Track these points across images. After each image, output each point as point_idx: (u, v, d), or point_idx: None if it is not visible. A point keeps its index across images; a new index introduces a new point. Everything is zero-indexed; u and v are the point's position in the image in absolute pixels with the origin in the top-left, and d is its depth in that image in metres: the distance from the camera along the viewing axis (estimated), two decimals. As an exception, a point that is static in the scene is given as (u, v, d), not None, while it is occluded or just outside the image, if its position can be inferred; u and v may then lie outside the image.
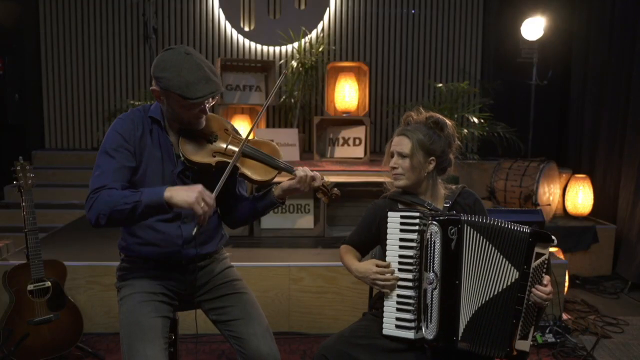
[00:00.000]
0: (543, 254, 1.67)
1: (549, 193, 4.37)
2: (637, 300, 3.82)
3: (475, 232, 1.69)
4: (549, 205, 4.35)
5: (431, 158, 1.88)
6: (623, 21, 4.45)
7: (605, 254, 4.26)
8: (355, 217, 4.03)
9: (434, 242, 1.69)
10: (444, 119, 1.92)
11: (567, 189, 4.59)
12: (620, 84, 4.44)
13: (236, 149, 1.83)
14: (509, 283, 1.67)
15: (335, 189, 1.93)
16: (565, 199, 4.60)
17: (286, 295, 3.15)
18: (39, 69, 5.82)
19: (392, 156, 1.90)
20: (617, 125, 4.48)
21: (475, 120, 4.72)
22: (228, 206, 2.01)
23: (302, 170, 1.85)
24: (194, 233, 1.71)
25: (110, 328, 3.07)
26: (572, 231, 4.20)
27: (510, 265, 1.67)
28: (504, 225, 1.69)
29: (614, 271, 4.26)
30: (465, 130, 4.61)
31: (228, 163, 1.78)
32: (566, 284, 3.37)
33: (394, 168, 1.89)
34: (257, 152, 1.87)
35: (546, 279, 1.69)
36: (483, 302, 1.68)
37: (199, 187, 1.65)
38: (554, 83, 5.23)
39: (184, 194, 1.64)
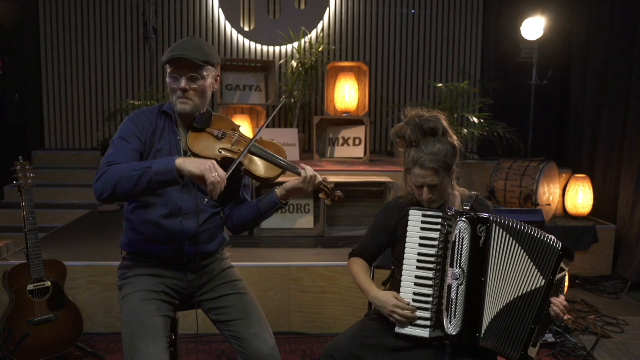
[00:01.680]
0: (564, 270, 1.72)
1: (549, 193, 4.37)
2: (637, 300, 3.82)
3: (504, 233, 1.72)
4: (549, 205, 4.35)
5: (452, 168, 1.87)
6: (623, 21, 4.45)
7: (605, 254, 4.26)
8: (355, 217, 4.04)
9: (462, 239, 1.70)
10: (438, 122, 1.83)
11: (567, 189, 4.59)
12: (620, 84, 4.44)
13: (242, 147, 1.86)
14: (533, 288, 1.69)
15: (339, 191, 1.94)
16: (565, 199, 4.60)
17: (286, 295, 3.15)
18: (39, 69, 5.82)
19: (420, 187, 1.84)
20: (617, 125, 4.48)
21: (475, 120, 4.72)
22: (231, 209, 2.01)
23: (306, 170, 1.87)
24: (205, 202, 1.69)
25: (110, 328, 3.07)
26: (572, 231, 4.20)
27: (538, 271, 1.69)
28: (537, 233, 1.72)
29: (614, 271, 4.25)
30: (465, 130, 4.61)
31: (233, 159, 1.81)
32: (566, 284, 3.37)
33: (427, 199, 1.85)
34: (263, 151, 1.89)
35: (562, 297, 1.72)
36: (507, 301, 1.70)
37: (212, 160, 1.67)
38: (554, 83, 5.23)
39: (196, 162, 1.66)
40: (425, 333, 1.72)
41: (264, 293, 3.11)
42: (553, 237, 1.72)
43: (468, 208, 1.91)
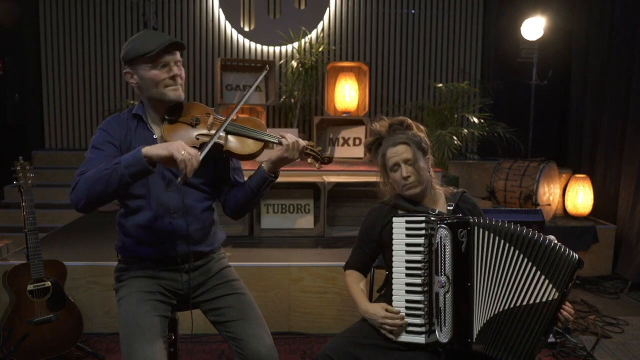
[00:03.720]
0: (574, 279, 1.68)
1: (549, 193, 4.37)
2: (637, 300, 3.82)
3: (490, 235, 1.68)
4: (549, 205, 4.35)
5: (427, 156, 1.91)
6: (623, 21, 4.44)
7: (605, 254, 4.26)
8: (355, 217, 4.04)
9: (445, 246, 1.68)
10: (404, 118, 1.96)
11: (567, 189, 4.59)
12: (620, 84, 4.44)
13: (218, 128, 1.83)
14: (544, 299, 1.63)
15: (327, 153, 1.93)
16: (565, 199, 4.60)
17: (286, 295, 3.15)
18: (39, 69, 5.82)
19: (395, 169, 1.88)
20: (617, 125, 4.48)
21: (475, 120, 4.72)
22: (225, 195, 1.99)
23: (287, 138, 1.83)
24: (178, 181, 1.63)
25: (110, 328, 3.07)
26: (572, 231, 4.20)
27: (548, 282, 1.63)
28: (548, 242, 1.66)
29: (614, 271, 4.25)
30: (465, 130, 4.61)
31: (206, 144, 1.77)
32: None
33: (406, 178, 1.86)
34: (240, 128, 1.86)
35: (567, 303, 1.69)
36: (507, 307, 1.66)
37: (178, 140, 1.65)
38: (554, 83, 5.23)
39: (162, 144, 1.64)
40: (421, 339, 1.72)
41: (263, 293, 3.11)
42: (568, 248, 1.66)
43: (452, 207, 1.91)
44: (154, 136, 1.88)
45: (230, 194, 1.97)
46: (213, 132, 1.82)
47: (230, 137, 1.85)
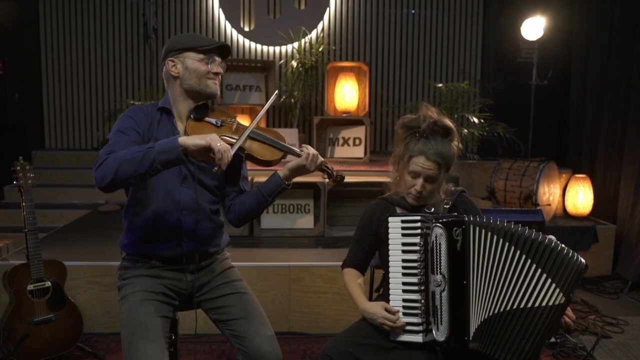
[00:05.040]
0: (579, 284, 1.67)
1: (549, 193, 4.37)
2: (637, 300, 3.82)
3: (488, 234, 1.67)
4: (549, 205, 4.35)
5: (447, 174, 1.90)
6: (623, 21, 4.45)
7: (605, 254, 4.26)
8: (355, 217, 4.04)
9: (440, 244, 1.67)
10: (452, 125, 1.88)
11: (567, 189, 4.59)
12: (620, 84, 4.44)
13: (241, 133, 1.87)
14: (550, 303, 1.61)
15: (341, 172, 1.98)
16: (565, 199, 4.60)
17: (286, 295, 3.15)
18: (39, 69, 5.82)
19: (413, 176, 1.86)
20: (617, 125, 4.48)
21: (475, 120, 4.72)
22: (231, 200, 2.00)
23: (308, 149, 1.87)
24: (214, 170, 1.65)
25: (110, 328, 3.07)
26: (572, 231, 4.20)
27: (555, 286, 1.61)
28: (551, 243, 1.64)
29: (614, 271, 4.25)
30: (465, 130, 4.61)
31: (234, 144, 1.81)
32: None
33: (419, 192, 1.85)
34: (263, 136, 1.90)
35: (569, 308, 1.68)
36: (507, 307, 1.64)
37: (213, 133, 1.68)
38: (554, 83, 5.23)
39: (199, 135, 1.66)
40: (418, 338, 1.73)
41: (264, 293, 3.11)
42: (574, 252, 1.63)
43: (448, 206, 1.91)
44: (177, 131, 1.89)
45: (237, 200, 1.99)
46: (236, 135, 1.86)
47: (252, 142, 1.89)
